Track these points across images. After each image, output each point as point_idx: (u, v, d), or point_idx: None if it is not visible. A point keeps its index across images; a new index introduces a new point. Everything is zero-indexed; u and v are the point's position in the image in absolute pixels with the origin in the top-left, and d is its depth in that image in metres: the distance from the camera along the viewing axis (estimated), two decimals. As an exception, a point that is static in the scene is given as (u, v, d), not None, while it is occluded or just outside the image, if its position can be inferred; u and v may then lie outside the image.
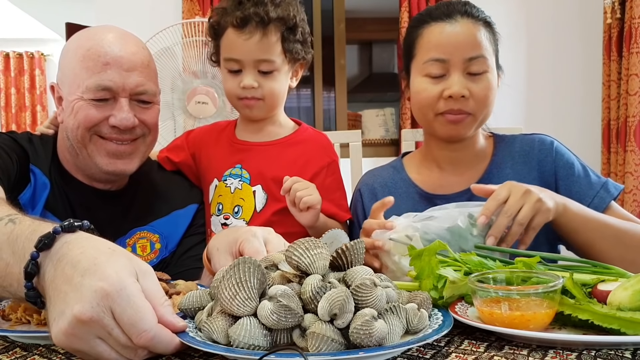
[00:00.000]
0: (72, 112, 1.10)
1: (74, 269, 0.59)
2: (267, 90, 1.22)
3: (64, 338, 0.58)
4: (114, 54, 1.09)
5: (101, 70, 1.08)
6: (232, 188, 1.26)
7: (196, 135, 1.39)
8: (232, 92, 1.24)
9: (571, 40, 3.28)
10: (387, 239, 0.95)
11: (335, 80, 3.54)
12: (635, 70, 2.84)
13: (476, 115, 1.15)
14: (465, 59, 1.13)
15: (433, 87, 1.15)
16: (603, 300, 0.70)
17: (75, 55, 1.11)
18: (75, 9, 4.89)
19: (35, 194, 1.13)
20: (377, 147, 3.66)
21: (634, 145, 2.87)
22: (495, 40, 1.20)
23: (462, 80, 1.13)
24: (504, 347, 0.66)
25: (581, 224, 1.02)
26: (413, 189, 1.27)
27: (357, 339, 0.60)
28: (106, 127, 1.11)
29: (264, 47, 1.19)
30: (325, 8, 3.48)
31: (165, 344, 0.61)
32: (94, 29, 1.18)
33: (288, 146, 1.28)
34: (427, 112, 1.17)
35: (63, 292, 0.59)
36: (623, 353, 0.62)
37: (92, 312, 0.56)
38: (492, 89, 1.16)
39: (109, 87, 1.09)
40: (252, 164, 1.26)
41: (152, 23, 2.39)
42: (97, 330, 0.58)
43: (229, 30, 1.20)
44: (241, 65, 1.21)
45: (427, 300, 0.72)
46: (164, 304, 0.63)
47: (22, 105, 6.66)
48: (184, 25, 2.15)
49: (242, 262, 0.64)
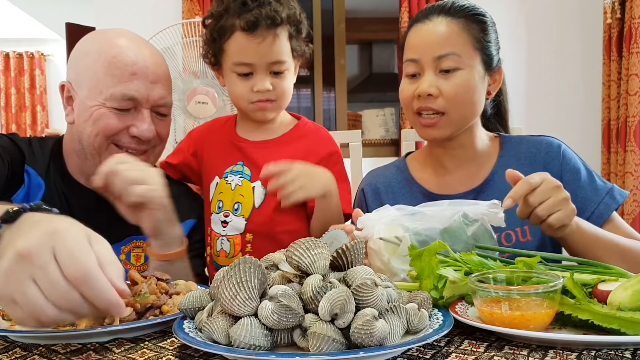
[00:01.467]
0: (91, 118, 1.10)
1: (30, 225, 0.61)
2: (280, 91, 1.20)
3: (3, 279, 0.57)
4: (141, 65, 1.10)
5: (128, 80, 1.09)
6: (232, 185, 1.24)
7: (198, 132, 1.37)
8: (243, 97, 1.20)
9: (571, 40, 3.28)
10: (377, 238, 0.93)
11: (335, 80, 3.54)
12: (635, 70, 2.84)
13: (450, 114, 1.14)
14: (434, 57, 1.14)
15: (409, 86, 1.18)
16: (603, 300, 0.70)
17: (98, 60, 1.10)
18: (75, 9, 4.88)
19: (29, 195, 1.13)
20: (377, 147, 3.66)
21: (634, 145, 2.87)
22: (485, 35, 1.18)
23: (431, 78, 1.14)
24: (504, 347, 0.66)
25: (590, 242, 1.02)
26: (417, 188, 1.27)
27: (358, 339, 0.60)
28: (126, 136, 1.11)
29: (277, 49, 1.16)
30: (325, 8, 3.48)
31: (99, 291, 0.58)
32: (113, 33, 1.17)
33: (289, 142, 1.27)
34: (408, 112, 1.21)
35: (12, 240, 0.59)
36: (623, 353, 0.62)
37: (32, 246, 0.56)
38: (466, 86, 1.14)
39: (134, 98, 1.10)
40: (253, 160, 1.25)
41: (152, 23, 2.39)
42: (32, 269, 0.56)
43: (238, 34, 1.16)
44: (253, 68, 1.17)
45: (427, 300, 0.72)
46: (115, 268, 0.61)
47: (22, 105, 6.66)
48: (184, 25, 2.15)
49: (243, 262, 0.64)
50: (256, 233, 1.22)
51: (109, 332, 0.76)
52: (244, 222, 1.22)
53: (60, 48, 6.16)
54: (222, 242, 1.24)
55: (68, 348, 0.73)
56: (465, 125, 1.20)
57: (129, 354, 0.70)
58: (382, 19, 4.06)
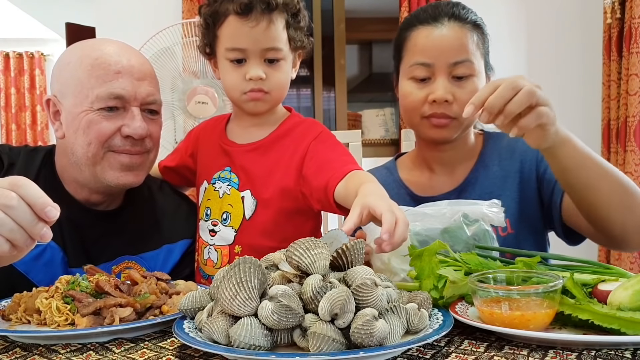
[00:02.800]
0: (81, 126, 1.07)
1: None
2: (274, 82, 1.14)
3: None
4: (125, 64, 1.09)
5: (113, 79, 1.07)
6: (220, 192, 1.19)
7: (195, 132, 1.34)
8: (235, 86, 1.15)
9: (571, 40, 3.28)
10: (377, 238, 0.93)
11: (335, 80, 3.54)
12: (635, 70, 2.84)
13: (460, 119, 1.14)
14: (450, 63, 1.13)
15: (418, 91, 1.15)
16: (603, 300, 0.70)
17: (80, 65, 1.09)
18: (75, 9, 4.88)
19: None
20: (377, 147, 3.66)
21: (634, 145, 2.87)
22: (484, 42, 1.19)
23: (446, 84, 1.13)
24: (504, 347, 0.66)
25: (582, 159, 0.97)
26: (404, 190, 1.26)
27: (358, 339, 0.60)
28: (119, 138, 1.09)
29: (271, 35, 1.12)
30: (325, 8, 3.48)
31: (33, 190, 0.69)
32: (93, 41, 1.16)
33: (275, 142, 1.19)
34: (413, 116, 1.18)
35: None
36: (623, 353, 0.62)
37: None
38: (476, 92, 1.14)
39: (121, 96, 1.08)
40: (240, 166, 1.19)
41: (152, 23, 2.38)
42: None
43: (231, 18, 1.12)
44: (246, 55, 1.12)
45: (427, 300, 0.72)
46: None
47: (22, 105, 6.66)
48: (184, 25, 2.15)
49: (243, 262, 0.64)
50: (246, 245, 1.16)
51: (109, 332, 0.76)
52: (233, 233, 1.17)
53: (60, 48, 6.15)
54: (209, 251, 1.19)
55: (68, 348, 0.73)
56: (468, 128, 1.21)
57: (129, 354, 0.70)
58: (382, 19, 4.05)
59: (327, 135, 1.18)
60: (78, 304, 0.81)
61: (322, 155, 1.12)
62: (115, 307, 0.80)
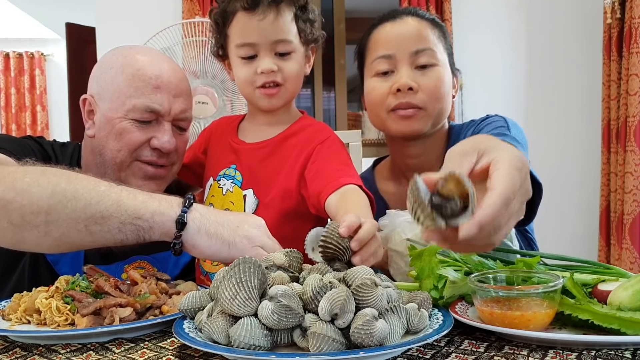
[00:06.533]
0: (113, 132, 1.11)
1: (216, 213, 0.91)
2: (287, 73, 1.14)
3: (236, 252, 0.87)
4: (165, 79, 1.12)
5: (151, 93, 1.10)
6: (224, 189, 1.19)
7: (209, 129, 1.34)
8: (247, 81, 1.14)
9: (571, 40, 3.28)
10: (403, 239, 0.93)
11: (335, 80, 3.55)
12: (635, 70, 2.84)
13: (428, 110, 1.13)
14: (411, 52, 1.13)
15: (382, 84, 1.15)
16: (603, 300, 0.70)
17: (122, 73, 1.11)
18: (75, 9, 4.89)
19: None
20: (377, 147, 3.65)
21: (634, 145, 2.87)
22: (446, 39, 1.19)
23: (409, 72, 1.12)
24: (504, 347, 0.66)
25: None
26: (381, 201, 1.24)
27: (358, 339, 0.60)
28: (147, 149, 1.12)
29: (280, 27, 1.11)
30: (325, 8, 3.48)
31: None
32: (137, 49, 1.19)
33: (282, 142, 1.19)
34: (379, 111, 1.17)
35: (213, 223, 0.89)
36: (623, 353, 0.62)
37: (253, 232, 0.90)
38: (443, 82, 1.14)
39: (157, 111, 1.11)
40: (246, 165, 1.19)
41: (152, 23, 2.38)
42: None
43: (239, 15, 1.12)
44: (256, 49, 1.12)
45: (427, 300, 0.72)
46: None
47: (22, 105, 6.67)
48: (184, 25, 2.15)
49: (243, 262, 0.64)
50: None
51: (109, 332, 0.76)
52: None
53: (60, 48, 6.15)
54: None
55: (68, 348, 0.73)
56: (439, 123, 1.18)
57: (129, 354, 0.70)
58: (382, 19, 4.05)
59: (333, 142, 1.17)
60: (78, 304, 0.81)
61: (322, 161, 1.12)
62: (115, 307, 0.80)
